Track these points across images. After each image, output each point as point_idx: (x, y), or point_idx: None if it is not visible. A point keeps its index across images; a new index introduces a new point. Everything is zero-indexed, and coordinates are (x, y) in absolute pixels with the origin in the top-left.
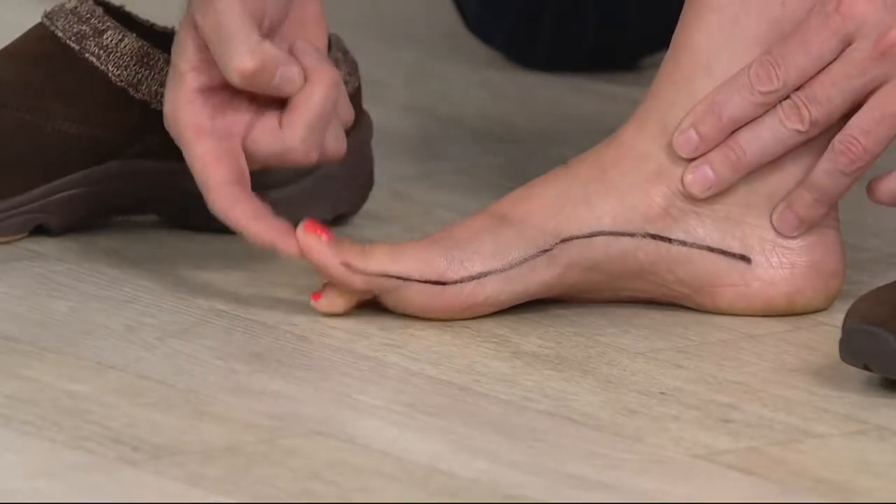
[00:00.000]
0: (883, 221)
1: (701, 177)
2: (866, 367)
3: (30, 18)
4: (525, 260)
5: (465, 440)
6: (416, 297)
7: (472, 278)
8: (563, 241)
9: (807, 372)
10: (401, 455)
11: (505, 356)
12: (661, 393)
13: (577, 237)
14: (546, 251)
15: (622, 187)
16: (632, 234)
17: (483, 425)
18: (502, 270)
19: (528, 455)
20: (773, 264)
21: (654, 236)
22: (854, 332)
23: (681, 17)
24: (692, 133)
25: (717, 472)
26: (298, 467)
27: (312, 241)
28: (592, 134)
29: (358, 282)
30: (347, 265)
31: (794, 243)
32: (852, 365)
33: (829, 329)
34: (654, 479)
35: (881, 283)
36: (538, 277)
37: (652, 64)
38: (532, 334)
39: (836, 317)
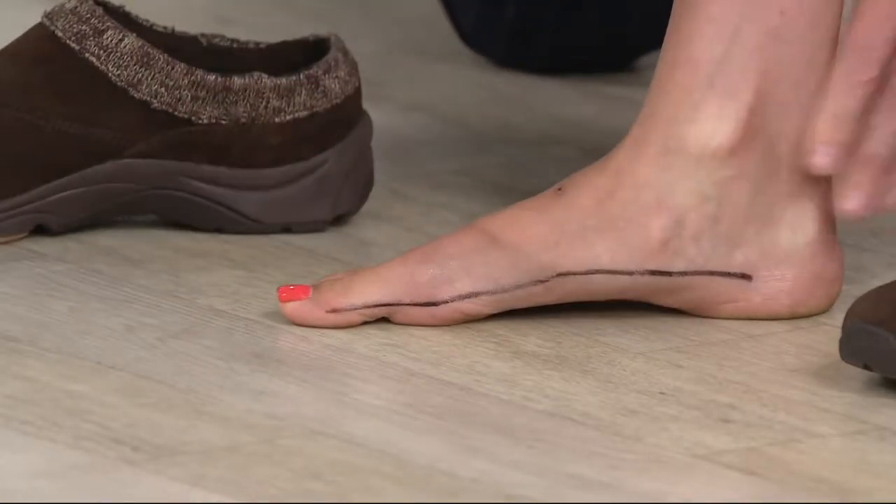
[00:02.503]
0: (882, 221)
1: (860, 204)
2: (866, 367)
3: (30, 18)
4: (518, 287)
5: (465, 440)
6: (410, 317)
7: (462, 297)
8: (560, 275)
9: (807, 372)
10: (401, 455)
11: (505, 356)
12: (661, 393)
13: (574, 273)
14: (541, 282)
15: (620, 224)
16: (630, 273)
17: (483, 425)
18: (494, 293)
19: (528, 455)
20: (776, 277)
21: (653, 272)
22: (854, 332)
23: (672, 27)
24: (829, 149)
25: (717, 472)
26: (298, 467)
27: (295, 308)
28: (592, 135)
29: (353, 319)
30: (334, 310)
31: (797, 253)
32: (852, 365)
33: (829, 329)
34: (654, 479)
35: (881, 283)
36: (532, 300)
37: (648, 64)
38: (532, 334)
39: (836, 317)
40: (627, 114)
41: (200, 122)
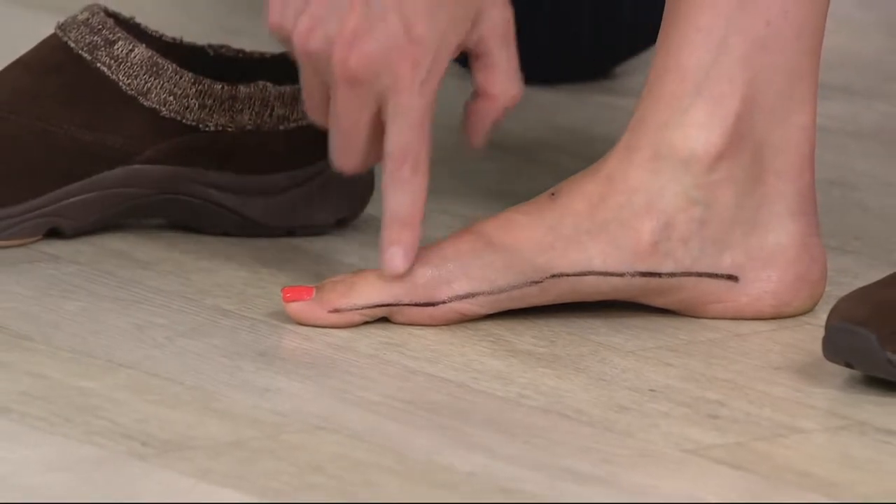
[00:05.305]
0: (865, 224)
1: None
2: (848, 365)
3: (43, 29)
4: (513, 288)
5: (463, 435)
6: (409, 317)
7: (460, 298)
8: (553, 276)
9: (791, 369)
10: (400, 449)
11: (501, 354)
12: (651, 390)
13: (568, 275)
14: (536, 283)
15: (612, 227)
16: (621, 275)
17: (480, 421)
18: (490, 294)
19: (523, 450)
20: (762, 278)
21: (643, 274)
22: (836, 331)
23: (662, 36)
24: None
25: (705, 467)
26: (302, 462)
27: (298, 308)
28: (584, 141)
29: (354, 319)
30: (336, 310)
31: (782, 255)
32: (835, 363)
33: (812, 328)
34: (645, 474)
35: (863, 284)
36: (527, 301)
37: (636, 73)
38: (527, 333)
39: (820, 316)
40: (618, 121)
41: (207, 129)
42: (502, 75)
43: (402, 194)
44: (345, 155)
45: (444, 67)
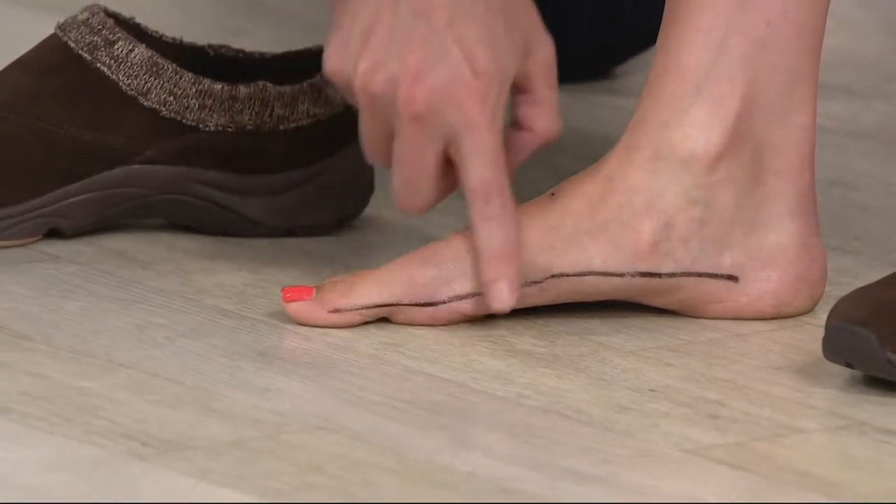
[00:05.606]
0: (865, 224)
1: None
2: (848, 365)
3: (43, 30)
4: None
5: (463, 435)
6: (409, 317)
7: (460, 298)
8: (553, 276)
9: (791, 369)
10: (400, 449)
11: (501, 354)
12: (651, 390)
13: (568, 275)
14: (536, 283)
15: (612, 227)
16: (621, 275)
17: (480, 421)
18: None
19: (523, 450)
20: (762, 278)
21: (643, 274)
22: (836, 331)
23: (662, 36)
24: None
25: (705, 467)
26: (302, 461)
27: (298, 308)
28: (584, 141)
29: (354, 319)
30: (336, 310)
31: (782, 255)
32: (835, 363)
33: (812, 328)
34: (645, 474)
35: (863, 284)
36: (527, 301)
37: (636, 73)
38: (527, 334)
39: (820, 316)
40: (618, 121)
41: (207, 129)
42: (547, 112)
43: (496, 230)
44: (411, 194)
45: (505, 99)
